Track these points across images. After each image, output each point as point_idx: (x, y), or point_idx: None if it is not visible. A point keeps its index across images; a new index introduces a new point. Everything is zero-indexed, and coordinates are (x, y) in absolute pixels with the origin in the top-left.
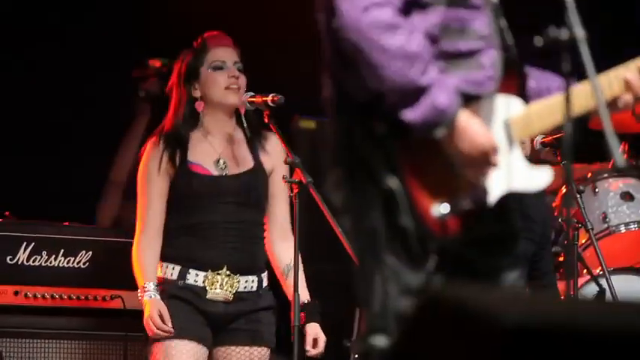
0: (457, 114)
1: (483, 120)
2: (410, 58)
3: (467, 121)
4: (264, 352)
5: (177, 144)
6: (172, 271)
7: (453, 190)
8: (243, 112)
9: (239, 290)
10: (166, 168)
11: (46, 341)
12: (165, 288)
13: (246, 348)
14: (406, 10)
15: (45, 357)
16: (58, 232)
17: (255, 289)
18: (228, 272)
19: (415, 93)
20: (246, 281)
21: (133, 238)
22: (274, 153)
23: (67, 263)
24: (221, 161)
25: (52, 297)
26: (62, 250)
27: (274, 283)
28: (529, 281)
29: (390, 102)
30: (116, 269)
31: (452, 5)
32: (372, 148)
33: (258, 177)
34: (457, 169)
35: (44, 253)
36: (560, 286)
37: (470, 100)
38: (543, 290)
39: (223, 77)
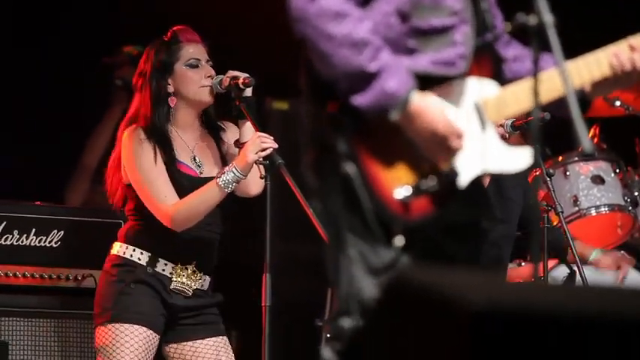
0: (410, 97)
1: (453, 102)
2: (357, 45)
3: (422, 104)
4: (213, 341)
5: (165, 141)
6: (141, 256)
7: (416, 171)
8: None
9: (196, 287)
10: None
11: (18, 319)
12: (133, 271)
13: (189, 343)
14: None
15: (17, 335)
16: (30, 211)
17: (206, 288)
18: (194, 269)
19: (364, 79)
20: (204, 280)
21: (104, 218)
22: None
23: (39, 242)
24: (197, 159)
25: (24, 276)
26: (34, 230)
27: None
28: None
29: (343, 88)
30: (88, 248)
31: None
32: (334, 132)
33: None
34: (418, 150)
35: (16, 232)
36: (530, 268)
37: (440, 81)
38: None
39: (199, 75)
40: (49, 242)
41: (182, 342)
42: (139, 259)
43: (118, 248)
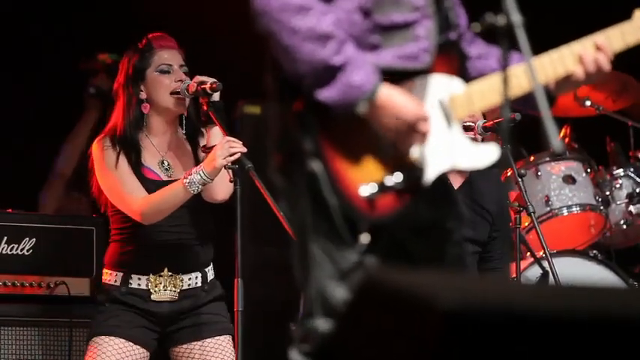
0: (377, 89)
1: (417, 98)
2: (321, 39)
3: (389, 94)
4: (217, 341)
5: (131, 148)
6: (115, 278)
7: (381, 168)
8: (185, 114)
9: (183, 288)
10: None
11: None
12: (108, 293)
13: (196, 343)
14: None
15: None
16: (2, 219)
17: (199, 284)
18: (170, 273)
19: (329, 72)
20: (189, 279)
21: (76, 225)
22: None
23: (11, 250)
24: (165, 162)
25: None
26: (5, 238)
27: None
28: (479, 264)
29: (307, 83)
30: (60, 256)
31: None
32: (300, 131)
33: None
34: (384, 147)
35: None
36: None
37: (403, 77)
38: (490, 273)
39: (170, 80)
40: (21, 250)
41: (177, 345)
42: (115, 280)
43: (103, 275)
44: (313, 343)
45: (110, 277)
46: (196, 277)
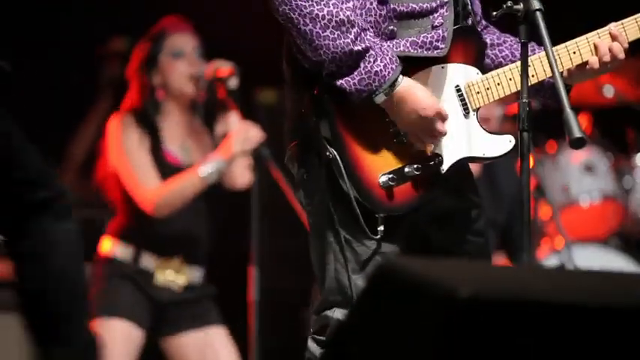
0: (397, 79)
1: (434, 86)
2: (342, 26)
3: (408, 86)
4: (216, 330)
5: (151, 128)
6: (126, 252)
7: (399, 156)
8: (201, 100)
9: (184, 283)
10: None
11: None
12: (118, 266)
13: (198, 330)
14: None
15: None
16: None
17: (197, 281)
18: (181, 261)
19: (351, 59)
20: (192, 275)
21: (88, 213)
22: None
23: None
24: (186, 148)
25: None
26: None
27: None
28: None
29: (328, 70)
30: None
31: None
32: (317, 117)
33: None
34: (401, 136)
35: None
36: None
37: (420, 64)
38: (509, 259)
39: (183, 65)
40: None
41: (176, 334)
42: (124, 254)
43: (105, 245)
44: (329, 332)
45: (118, 249)
46: (195, 275)
